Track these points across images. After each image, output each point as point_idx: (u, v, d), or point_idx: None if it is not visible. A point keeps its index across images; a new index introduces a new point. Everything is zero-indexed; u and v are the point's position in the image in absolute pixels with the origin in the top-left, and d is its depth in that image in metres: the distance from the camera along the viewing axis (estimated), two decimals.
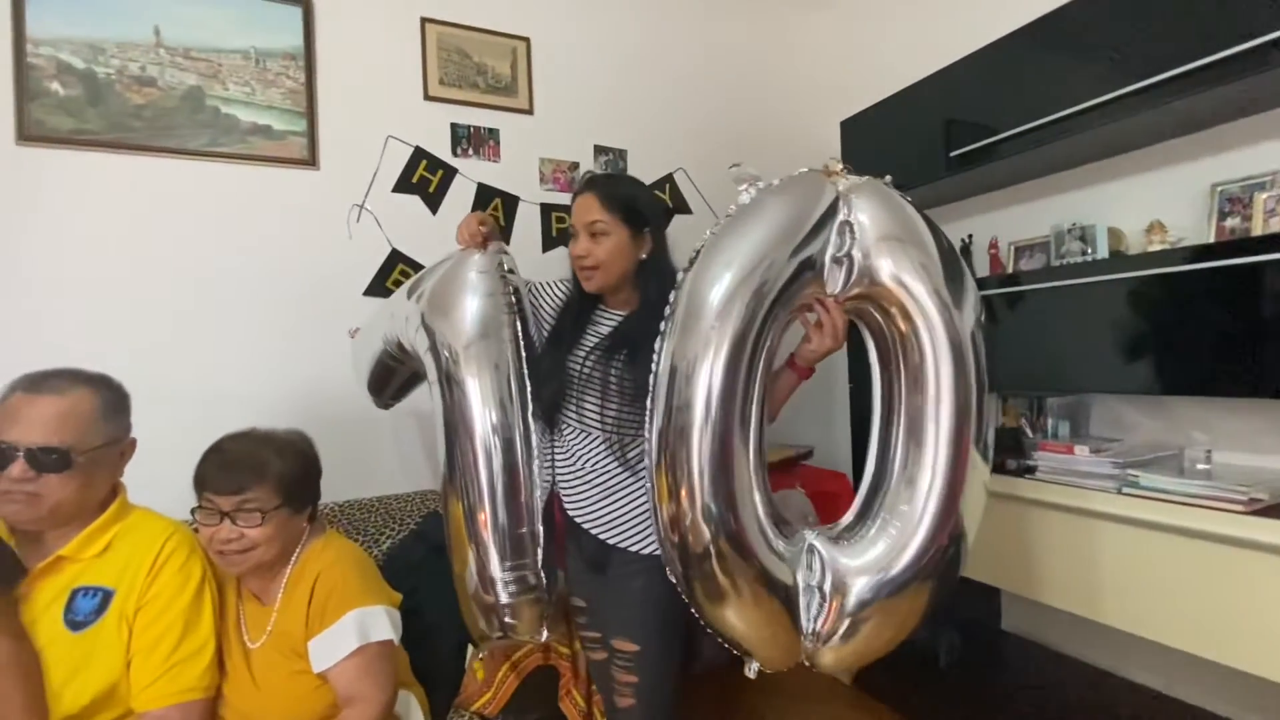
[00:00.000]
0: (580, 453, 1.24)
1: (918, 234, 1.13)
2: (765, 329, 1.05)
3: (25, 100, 1.60)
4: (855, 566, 1.10)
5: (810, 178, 1.15)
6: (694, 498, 1.01)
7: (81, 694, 1.01)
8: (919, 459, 1.11)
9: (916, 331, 1.11)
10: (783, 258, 1.05)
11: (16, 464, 0.99)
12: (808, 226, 1.08)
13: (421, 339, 1.25)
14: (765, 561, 1.05)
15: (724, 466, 1.01)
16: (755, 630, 1.07)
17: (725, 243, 1.08)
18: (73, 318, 1.60)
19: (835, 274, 1.11)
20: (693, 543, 1.02)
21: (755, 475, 1.06)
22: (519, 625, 1.19)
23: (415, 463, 1.95)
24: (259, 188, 1.80)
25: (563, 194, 2.12)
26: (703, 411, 1.01)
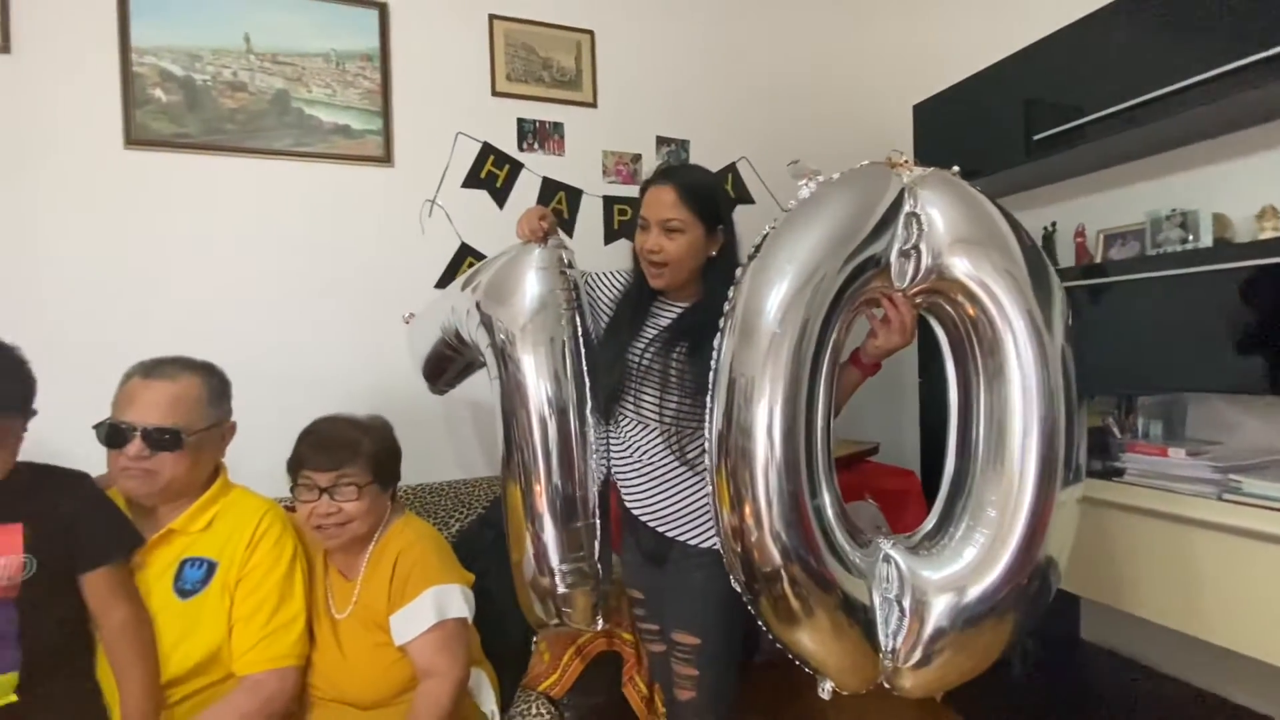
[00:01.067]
0: (637, 445, 1.24)
1: (997, 233, 1.08)
2: (827, 333, 1.02)
3: (132, 107, 1.73)
4: (938, 580, 1.04)
5: (874, 170, 1.12)
6: (760, 521, 0.98)
7: (189, 657, 1.10)
8: (1003, 466, 1.06)
9: (994, 327, 1.06)
10: (845, 254, 1.02)
11: (134, 443, 1.08)
12: (873, 221, 1.05)
13: (478, 327, 1.28)
14: (845, 586, 1.01)
15: (795, 506, 0.98)
16: (833, 658, 1.04)
17: (785, 240, 1.06)
18: (175, 308, 1.73)
19: (903, 267, 1.07)
20: (759, 560, 1.00)
21: (824, 480, 1.03)
22: (574, 614, 1.21)
23: (475, 451, 2.00)
24: (339, 185, 1.88)
25: (625, 186, 2.13)
26: (765, 444, 0.98)
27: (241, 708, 1.09)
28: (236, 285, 1.79)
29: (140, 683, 1.02)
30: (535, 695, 1.42)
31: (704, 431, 1.11)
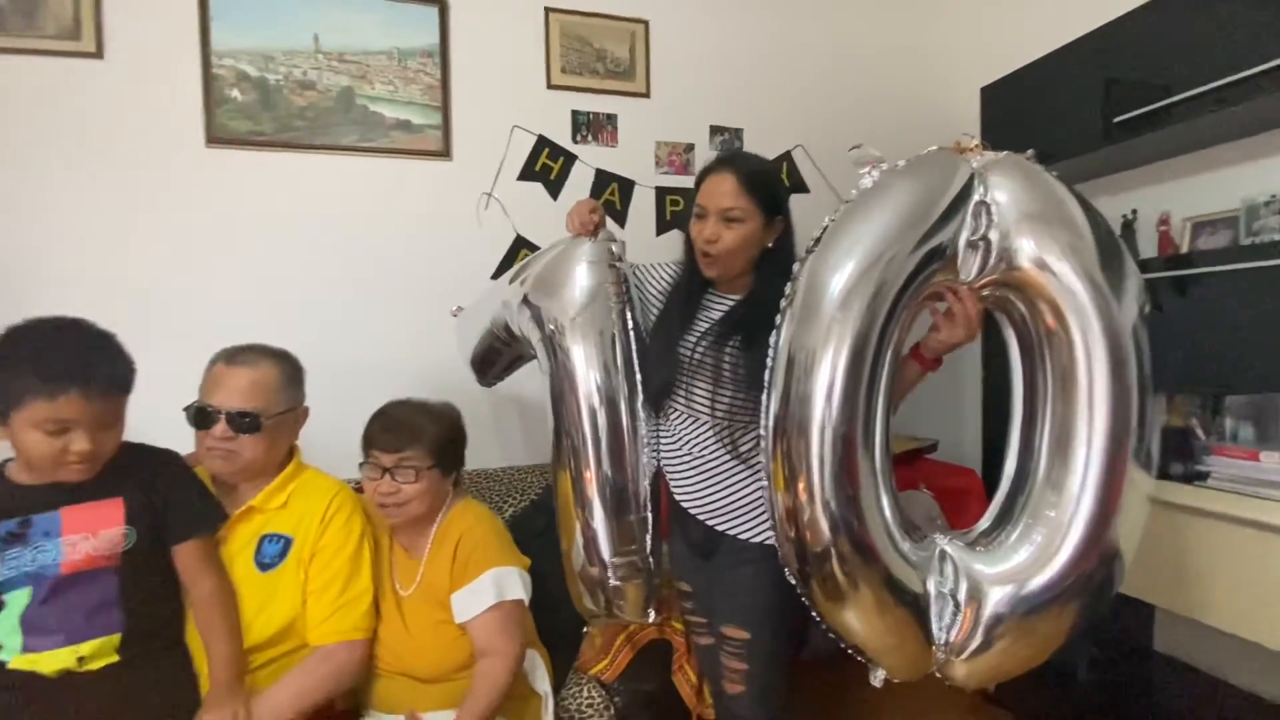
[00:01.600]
0: (688, 439, 1.24)
1: (1066, 213, 1.03)
2: (891, 322, 1.00)
3: (212, 107, 1.83)
4: (993, 574, 1.03)
5: (940, 156, 1.08)
6: (812, 494, 0.99)
7: (268, 626, 1.17)
8: (1067, 465, 1.03)
9: (1066, 325, 1.02)
10: (909, 245, 0.99)
11: (219, 425, 1.15)
12: (939, 210, 1.02)
13: (527, 321, 1.29)
14: (891, 566, 1.01)
15: (845, 466, 0.98)
16: (880, 637, 1.04)
17: (847, 230, 1.04)
18: (249, 297, 1.82)
19: (970, 259, 1.04)
20: (811, 539, 1.00)
21: (880, 475, 1.02)
22: (626, 607, 1.23)
23: (524, 441, 2.04)
24: (400, 179, 1.94)
25: (678, 176, 2.13)
26: (823, 407, 0.98)
27: (315, 675, 1.15)
28: (303, 276, 1.87)
29: (227, 648, 1.10)
30: (586, 678, 1.46)
31: (757, 425, 1.11)
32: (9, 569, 0.97)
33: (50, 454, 0.97)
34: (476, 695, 1.16)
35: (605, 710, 1.40)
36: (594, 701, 1.41)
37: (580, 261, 1.26)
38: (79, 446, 0.97)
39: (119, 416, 1.05)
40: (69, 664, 0.98)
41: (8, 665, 0.97)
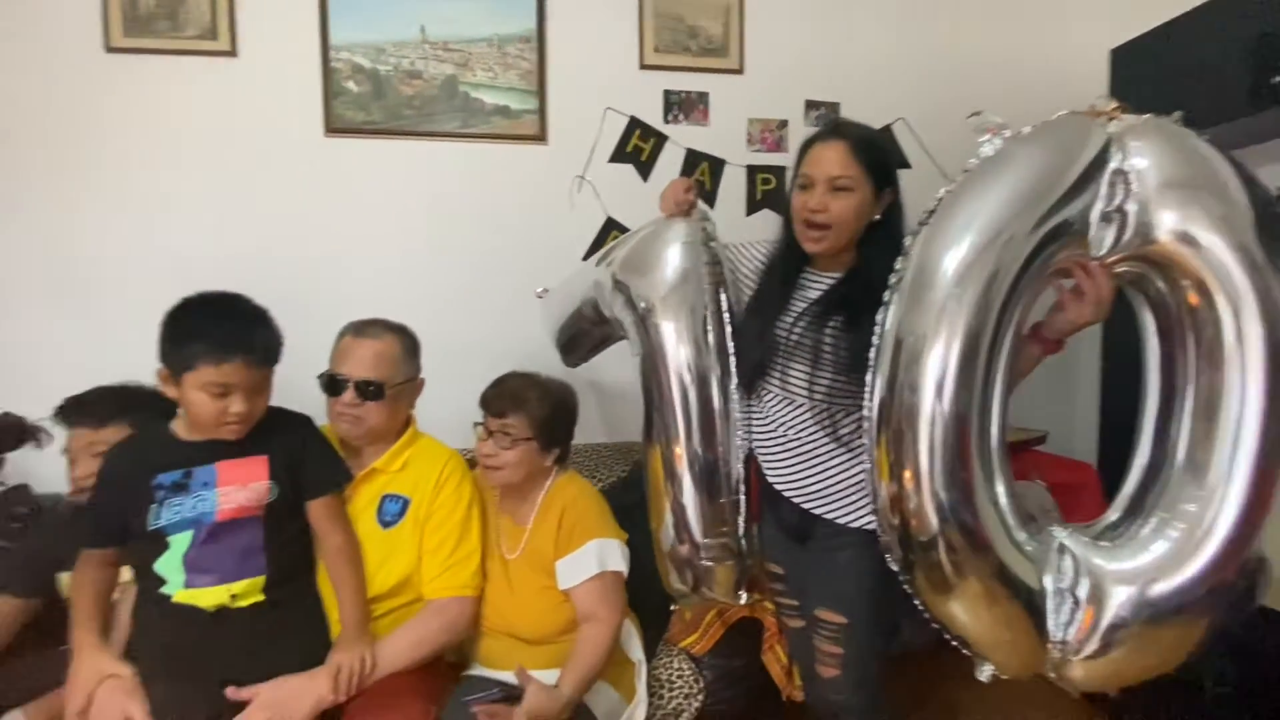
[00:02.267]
0: (783, 421, 1.21)
1: (1218, 181, 0.94)
2: (1010, 305, 0.94)
3: (330, 98, 1.95)
4: (1118, 572, 0.97)
5: (1072, 121, 1.01)
6: (920, 483, 0.95)
7: (388, 579, 1.26)
8: (1211, 456, 0.95)
9: (1213, 304, 0.94)
10: (1035, 218, 0.93)
11: (348, 392, 1.25)
12: (1069, 180, 0.95)
13: (619, 302, 1.30)
14: (1005, 558, 0.96)
15: (958, 458, 0.94)
16: (990, 632, 1.00)
17: (964, 203, 0.99)
18: (363, 276, 1.94)
19: (1103, 233, 0.97)
20: (916, 528, 0.97)
21: (996, 463, 0.97)
22: (716, 588, 1.24)
23: (614, 419, 2.08)
24: (498, 163, 2.01)
25: (770, 154, 2.09)
26: (933, 399, 0.93)
27: (430, 626, 1.24)
28: (408, 256, 1.98)
29: (354, 596, 1.20)
30: (677, 651, 1.48)
31: (858, 408, 1.08)
32: (173, 514, 1.09)
33: (212, 413, 1.08)
34: (580, 657, 1.21)
35: (695, 682, 1.43)
36: (683, 673, 1.44)
37: (673, 242, 1.26)
38: (237, 408, 1.08)
39: (269, 384, 1.15)
40: (223, 600, 1.10)
41: (173, 599, 1.09)
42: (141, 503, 1.08)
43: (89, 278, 1.86)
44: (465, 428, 1.40)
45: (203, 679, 1.06)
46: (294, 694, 1.08)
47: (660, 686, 1.41)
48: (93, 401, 1.29)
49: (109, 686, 1.02)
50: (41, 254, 1.85)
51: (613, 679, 1.30)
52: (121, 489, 1.09)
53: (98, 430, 1.26)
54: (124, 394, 1.32)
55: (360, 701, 1.13)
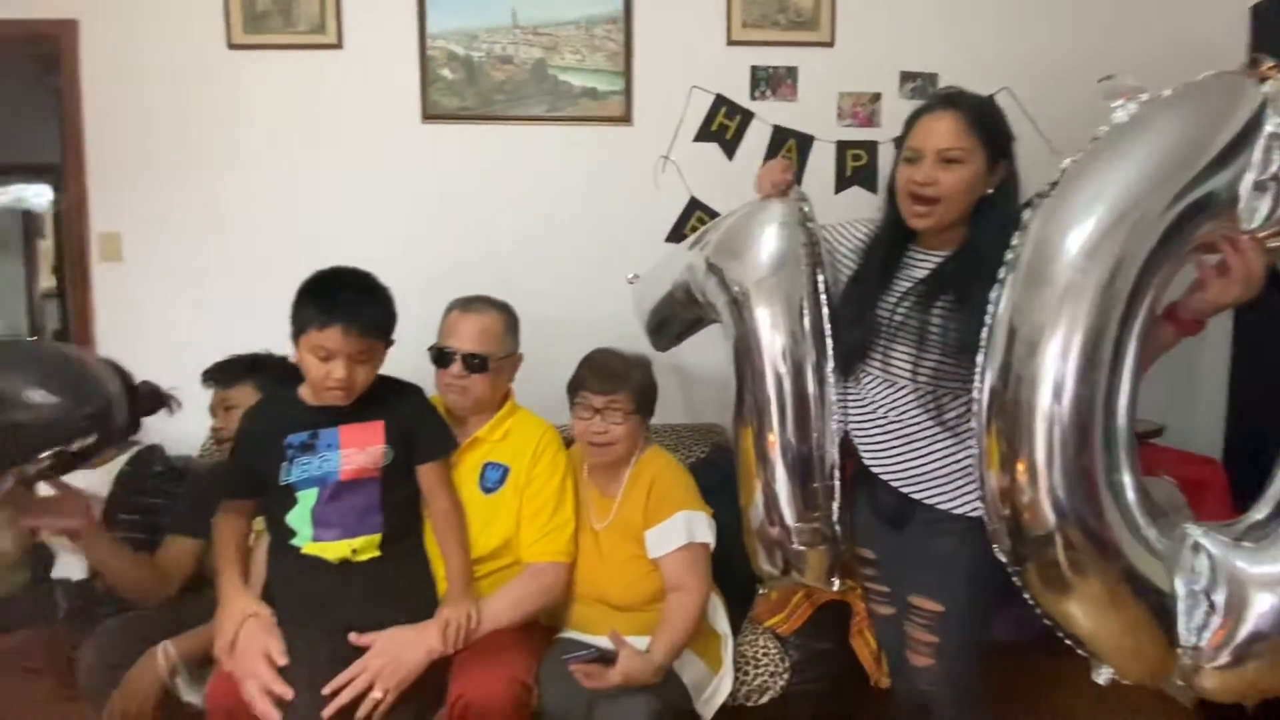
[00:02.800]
0: (883, 403, 1.18)
1: None
2: (1141, 291, 0.88)
3: (427, 86, 2.04)
4: (1262, 576, 0.89)
5: (1220, 82, 0.93)
6: (1035, 478, 0.91)
7: (489, 542, 1.33)
8: None
9: None
10: (1175, 190, 0.86)
11: (455, 364, 1.32)
12: (1217, 146, 0.88)
13: (712, 284, 1.29)
14: (1132, 559, 0.91)
15: (1079, 454, 0.89)
16: (1112, 635, 0.95)
17: (1091, 174, 0.93)
18: (463, 255, 2.00)
19: (1256, 204, 0.89)
20: (1029, 522, 0.92)
21: (1124, 456, 0.92)
22: (808, 573, 1.22)
23: (693, 401, 2.09)
24: (585, 145, 2.04)
25: (861, 129, 2.02)
26: (1050, 397, 0.89)
27: (529, 588, 1.30)
28: (498, 238, 2.04)
29: (460, 557, 1.27)
30: (762, 629, 1.49)
31: (965, 392, 1.04)
32: (302, 472, 1.19)
33: (317, 376, 1.17)
34: (670, 625, 1.24)
35: (780, 661, 1.43)
36: (769, 651, 1.44)
37: (770, 223, 1.24)
38: (338, 374, 1.15)
39: (375, 355, 1.22)
40: (345, 554, 1.19)
41: (302, 550, 1.19)
42: (274, 460, 1.18)
43: (220, 259, 2.04)
44: (552, 403, 1.45)
45: (328, 624, 1.16)
46: (408, 644, 1.16)
47: (745, 663, 1.42)
48: (226, 366, 1.46)
49: (251, 625, 1.13)
50: (179, 239, 2.04)
51: (699, 649, 1.33)
52: (257, 447, 1.20)
53: (228, 389, 1.44)
54: (251, 360, 1.48)
55: (467, 654, 1.20)
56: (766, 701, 1.40)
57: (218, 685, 1.13)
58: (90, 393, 1.04)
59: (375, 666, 1.12)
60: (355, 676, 1.11)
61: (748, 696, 1.39)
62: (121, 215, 2.05)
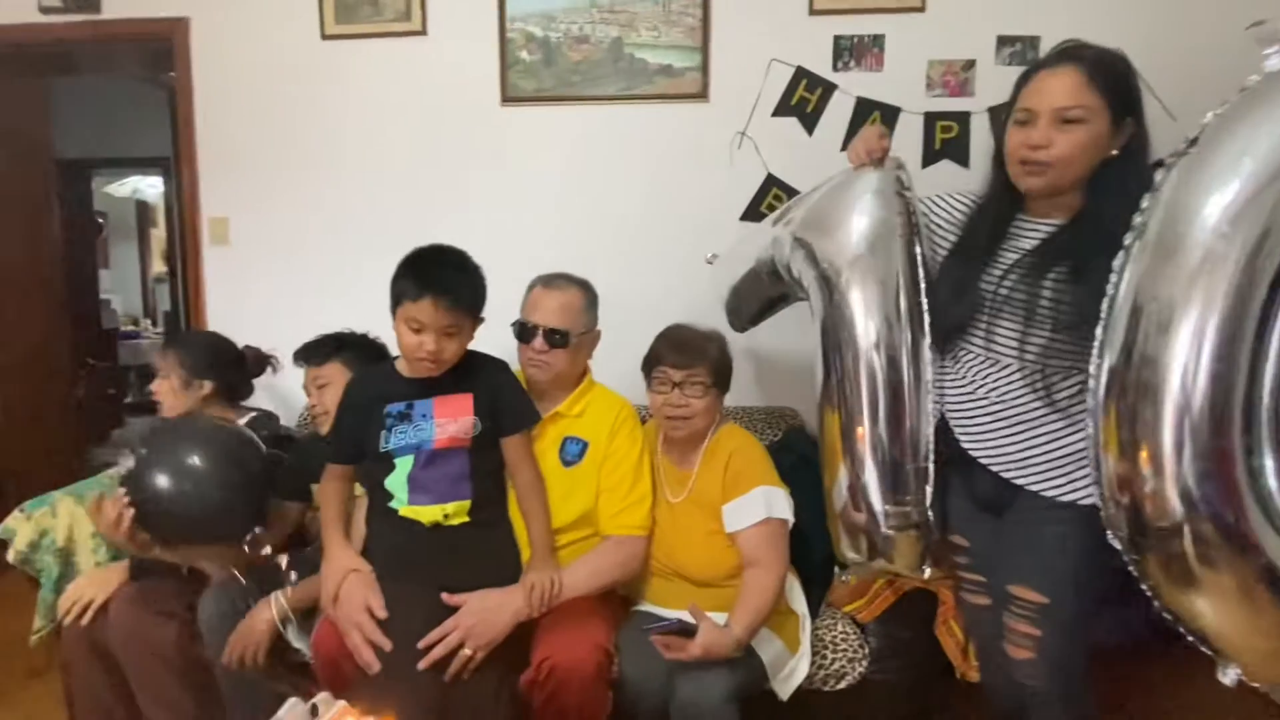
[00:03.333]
0: (985, 382, 1.12)
1: None
2: None
3: (506, 69, 2.07)
4: None
5: None
6: (1161, 466, 0.84)
7: (570, 513, 1.36)
8: None
9: None
10: None
11: (538, 339, 1.35)
12: None
13: (800, 260, 1.25)
14: (1274, 556, 0.83)
15: (1214, 443, 0.82)
16: (1245, 636, 0.88)
17: (1240, 129, 0.84)
18: (540, 235, 2.05)
19: None
20: (1152, 513, 0.86)
21: (1268, 444, 0.84)
22: (897, 559, 1.18)
23: (753, 384, 2.05)
24: (660, 124, 2.03)
25: (952, 99, 1.92)
26: (1181, 377, 0.82)
27: (608, 559, 1.33)
28: (573, 217, 2.06)
29: (542, 525, 1.31)
30: (840, 614, 1.46)
31: (1079, 371, 0.99)
32: (399, 439, 1.25)
33: (409, 347, 1.22)
34: (749, 601, 1.24)
35: (860, 648, 1.40)
36: (848, 637, 1.41)
37: (863, 194, 1.20)
38: (428, 346, 1.20)
39: (463, 330, 1.25)
40: (438, 517, 1.25)
41: (399, 512, 1.26)
42: (374, 428, 1.25)
43: (315, 240, 2.16)
44: (627, 380, 1.46)
45: (422, 582, 1.22)
46: (496, 606, 1.21)
47: (823, 647, 1.40)
48: (315, 346, 1.54)
49: (353, 580, 1.20)
50: (279, 222, 2.18)
51: (777, 628, 1.32)
52: (359, 415, 1.27)
53: (319, 368, 1.50)
54: (338, 339, 1.54)
55: (550, 620, 1.23)
56: (844, 687, 1.38)
57: (323, 634, 1.21)
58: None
59: (466, 625, 1.17)
60: (448, 633, 1.16)
61: (824, 681, 1.38)
62: (228, 201, 2.21)
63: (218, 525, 1.26)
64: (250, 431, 1.38)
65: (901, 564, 1.18)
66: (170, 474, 1.21)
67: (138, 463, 1.22)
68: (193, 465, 1.22)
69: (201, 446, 1.24)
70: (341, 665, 1.17)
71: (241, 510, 1.27)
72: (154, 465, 1.21)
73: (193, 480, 1.21)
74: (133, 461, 1.23)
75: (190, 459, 1.22)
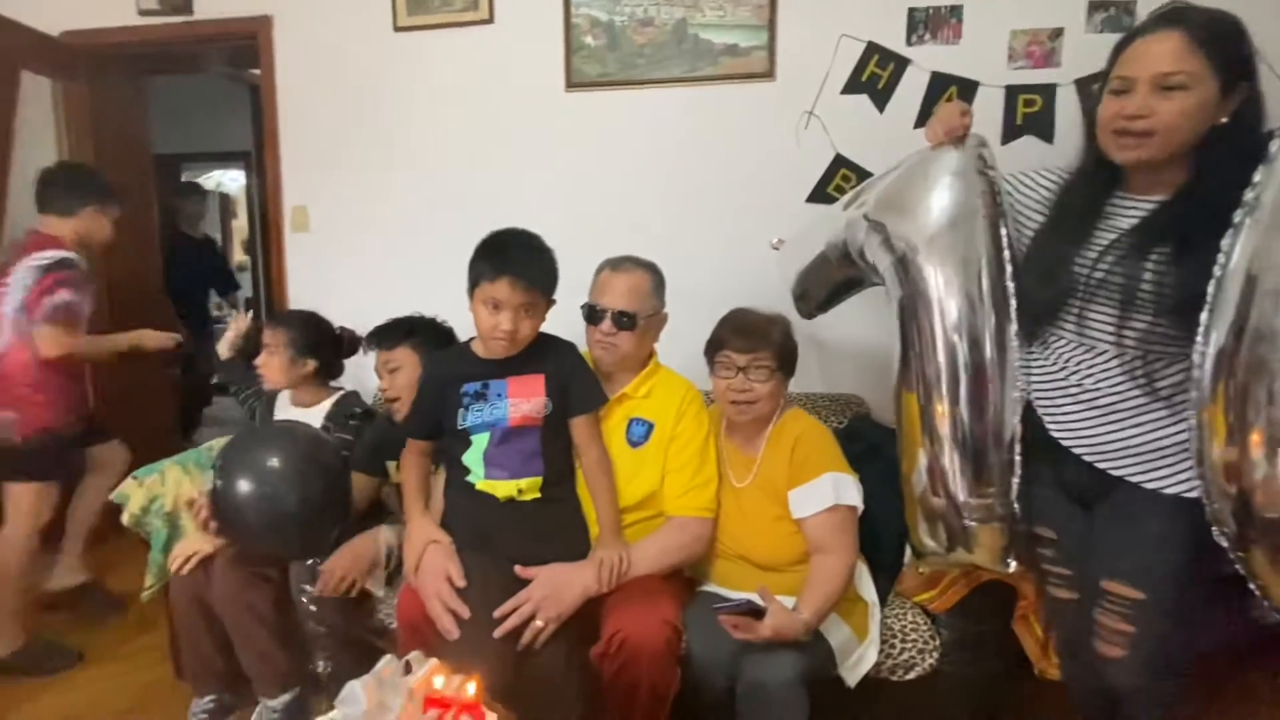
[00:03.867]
0: (1077, 369, 1.07)
1: None
2: None
3: (570, 54, 2.08)
4: None
5: None
6: (1275, 451, 0.80)
7: (636, 493, 1.38)
8: None
9: None
10: None
11: (606, 321, 1.36)
12: None
13: (875, 244, 1.22)
14: None
15: None
16: None
17: None
18: (606, 218, 2.06)
19: None
20: (1262, 502, 0.82)
21: None
22: (978, 552, 1.14)
23: (816, 370, 2.02)
24: (723, 105, 2.01)
25: (1036, 70, 1.82)
26: None
27: (674, 539, 1.34)
28: (638, 200, 2.07)
29: (610, 504, 1.33)
30: (910, 604, 1.43)
31: (1181, 358, 0.93)
32: (476, 417, 1.29)
33: (485, 326, 1.25)
34: (818, 585, 1.23)
35: (930, 639, 1.37)
36: (918, 627, 1.38)
37: (943, 174, 1.15)
38: (504, 325, 1.23)
39: (538, 311, 1.28)
40: (512, 493, 1.29)
41: (475, 486, 1.30)
42: (452, 405, 1.30)
43: (389, 226, 2.25)
44: (689, 364, 1.46)
45: (497, 554, 1.27)
46: (566, 580, 1.24)
47: (892, 636, 1.37)
48: (386, 330, 1.60)
49: (433, 549, 1.26)
50: (355, 209, 2.27)
51: (845, 614, 1.30)
52: (437, 393, 1.32)
53: (390, 351, 1.56)
54: (408, 324, 1.60)
55: (619, 595, 1.26)
56: (913, 678, 1.35)
57: (405, 600, 1.27)
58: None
59: (538, 598, 1.21)
60: (521, 605, 1.21)
61: (893, 670, 1.35)
62: (308, 190, 2.32)
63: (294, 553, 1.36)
64: (327, 439, 1.44)
65: (983, 557, 1.14)
66: (249, 508, 1.24)
67: (218, 486, 1.26)
68: (267, 499, 1.24)
69: (278, 481, 1.25)
70: (422, 630, 1.23)
71: (314, 546, 1.35)
72: (232, 496, 1.24)
73: (270, 515, 1.24)
74: (217, 482, 1.27)
75: (265, 486, 1.24)
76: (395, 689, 0.83)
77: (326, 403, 1.62)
